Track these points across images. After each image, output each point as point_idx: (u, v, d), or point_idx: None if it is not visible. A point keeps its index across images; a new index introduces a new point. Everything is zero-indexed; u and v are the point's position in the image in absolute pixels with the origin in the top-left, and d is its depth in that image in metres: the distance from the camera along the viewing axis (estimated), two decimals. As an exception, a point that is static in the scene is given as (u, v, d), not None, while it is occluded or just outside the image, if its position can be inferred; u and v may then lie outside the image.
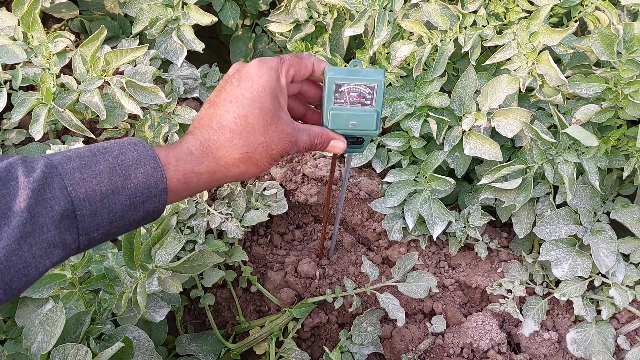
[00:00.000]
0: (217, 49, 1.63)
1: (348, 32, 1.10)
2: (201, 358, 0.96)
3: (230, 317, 1.02)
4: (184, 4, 1.20)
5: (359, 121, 0.66)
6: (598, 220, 0.97)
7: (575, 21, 1.14)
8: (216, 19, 1.20)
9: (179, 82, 1.15)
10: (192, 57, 1.35)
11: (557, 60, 1.16)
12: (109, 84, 1.02)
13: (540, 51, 0.99)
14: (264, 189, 1.03)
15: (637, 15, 1.15)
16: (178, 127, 1.08)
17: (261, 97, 0.58)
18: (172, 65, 1.18)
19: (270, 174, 1.06)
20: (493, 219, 1.04)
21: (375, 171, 1.10)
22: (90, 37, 1.01)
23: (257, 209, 1.00)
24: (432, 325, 0.96)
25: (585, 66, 1.10)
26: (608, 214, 0.98)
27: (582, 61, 1.14)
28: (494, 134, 1.02)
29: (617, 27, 0.95)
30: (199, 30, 1.62)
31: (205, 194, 0.99)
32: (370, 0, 1.10)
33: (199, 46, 1.20)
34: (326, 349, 0.91)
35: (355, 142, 0.70)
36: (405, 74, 1.14)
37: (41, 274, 0.49)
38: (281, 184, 1.05)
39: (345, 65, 1.21)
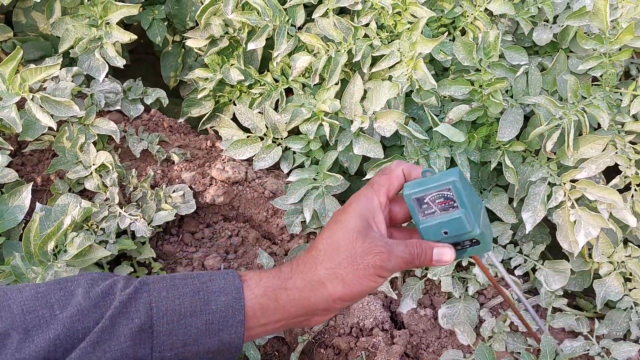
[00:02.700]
0: (152, 64, 1.73)
1: (251, 45, 1.21)
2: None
3: (144, 309, 1.11)
4: (107, 23, 1.30)
5: (449, 228, 0.63)
6: (474, 209, 1.09)
7: (461, 31, 1.26)
8: (135, 37, 1.29)
9: (100, 96, 1.25)
10: (126, 72, 1.43)
11: (446, 68, 1.28)
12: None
13: (417, 59, 1.11)
14: (173, 191, 1.12)
15: (517, 25, 1.28)
16: (96, 138, 1.18)
17: (347, 218, 0.61)
18: (94, 80, 1.27)
19: (180, 177, 1.16)
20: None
21: (283, 172, 1.21)
22: (8, 57, 1.10)
23: (166, 210, 1.10)
24: (323, 308, 1.06)
25: (466, 71, 1.21)
26: (484, 202, 1.10)
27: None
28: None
29: (477, 35, 1.07)
30: (136, 47, 1.72)
31: (117, 197, 1.08)
32: (271, 16, 1.21)
33: (120, 62, 1.29)
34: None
35: (471, 243, 0.65)
36: (310, 82, 1.25)
37: None
38: (190, 187, 1.15)
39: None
